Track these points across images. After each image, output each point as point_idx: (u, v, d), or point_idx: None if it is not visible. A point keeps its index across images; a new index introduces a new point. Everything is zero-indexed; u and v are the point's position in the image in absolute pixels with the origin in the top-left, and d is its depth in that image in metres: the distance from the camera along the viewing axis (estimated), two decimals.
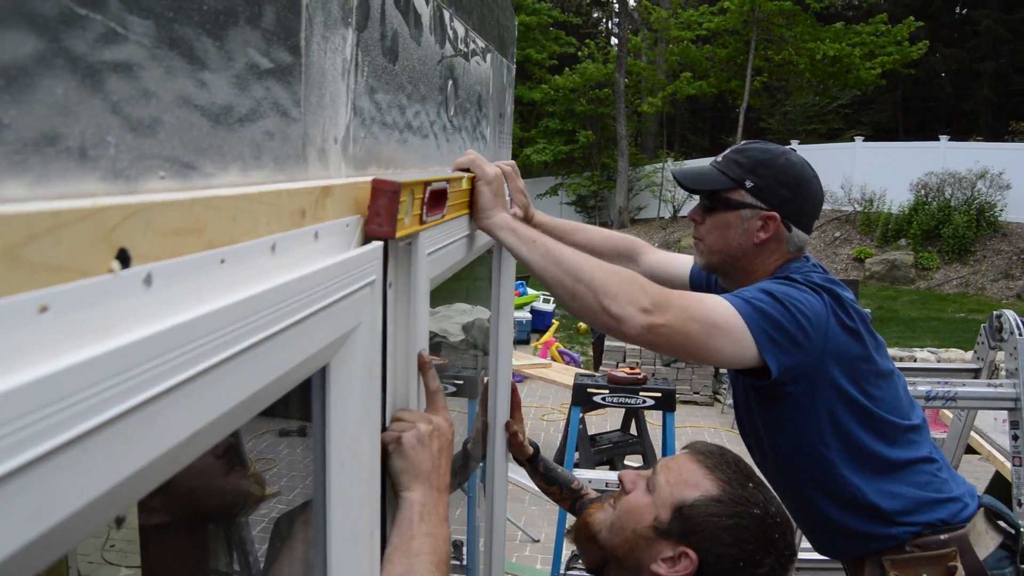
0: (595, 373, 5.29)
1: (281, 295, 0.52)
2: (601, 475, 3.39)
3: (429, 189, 0.91)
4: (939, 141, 16.77)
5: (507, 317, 1.73)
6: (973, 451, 3.33)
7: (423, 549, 0.80)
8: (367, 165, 0.78)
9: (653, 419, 5.71)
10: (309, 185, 0.60)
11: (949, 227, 14.62)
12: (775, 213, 1.58)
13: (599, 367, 7.71)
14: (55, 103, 0.33)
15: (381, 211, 0.75)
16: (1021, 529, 1.60)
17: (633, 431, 5.50)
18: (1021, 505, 2.40)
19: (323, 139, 0.65)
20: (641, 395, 4.20)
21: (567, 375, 6.07)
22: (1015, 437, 2.42)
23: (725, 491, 1.15)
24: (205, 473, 1.02)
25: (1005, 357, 2.50)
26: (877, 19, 19.31)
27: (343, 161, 0.70)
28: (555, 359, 8.11)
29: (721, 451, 1.23)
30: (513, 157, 1.71)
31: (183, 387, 0.40)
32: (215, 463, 1.03)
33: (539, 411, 7.31)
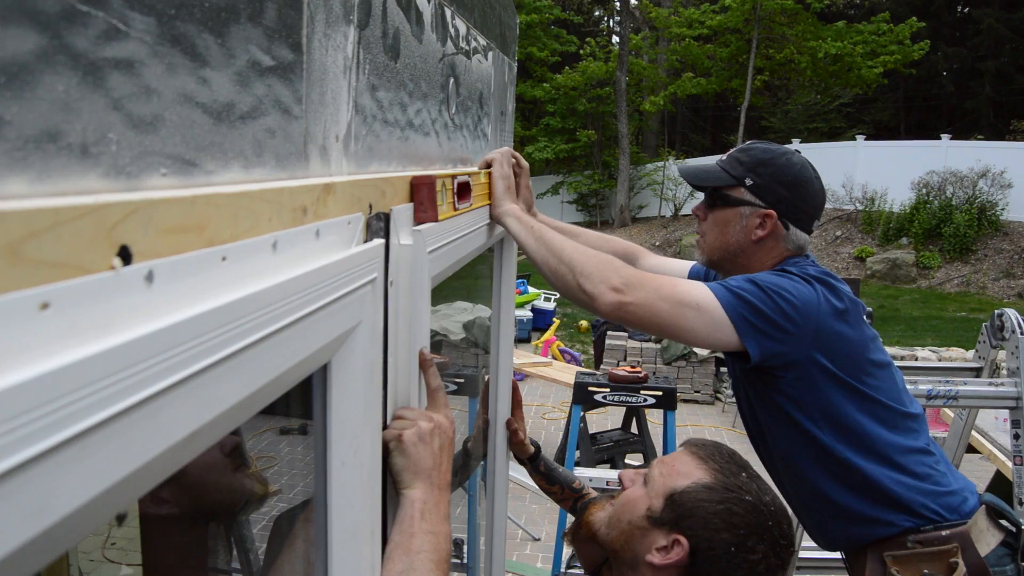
0: (596, 371, 5.28)
1: (282, 293, 0.52)
2: (602, 473, 3.40)
3: (456, 181, 1.08)
4: (940, 140, 16.76)
5: (508, 315, 1.74)
6: (974, 450, 3.32)
7: (424, 547, 0.80)
8: (369, 163, 0.78)
9: (654, 418, 5.72)
10: (310, 183, 0.60)
11: (950, 226, 14.61)
12: (772, 211, 1.62)
13: (600, 365, 7.72)
14: (57, 100, 0.33)
15: (424, 200, 0.89)
16: (1022, 527, 1.60)
17: (634, 430, 5.49)
18: (1022, 504, 2.40)
19: (324, 137, 0.65)
20: (642, 393, 4.20)
21: (568, 373, 6.07)
22: (1016, 436, 2.42)
23: (717, 478, 1.16)
24: (215, 468, 1.03)
25: (1006, 356, 2.50)
26: (879, 18, 19.28)
27: (344, 159, 0.70)
28: (556, 357, 8.11)
29: (716, 445, 1.24)
30: None
31: (184, 384, 0.40)
32: (224, 459, 1.04)
33: (540, 409, 7.31)
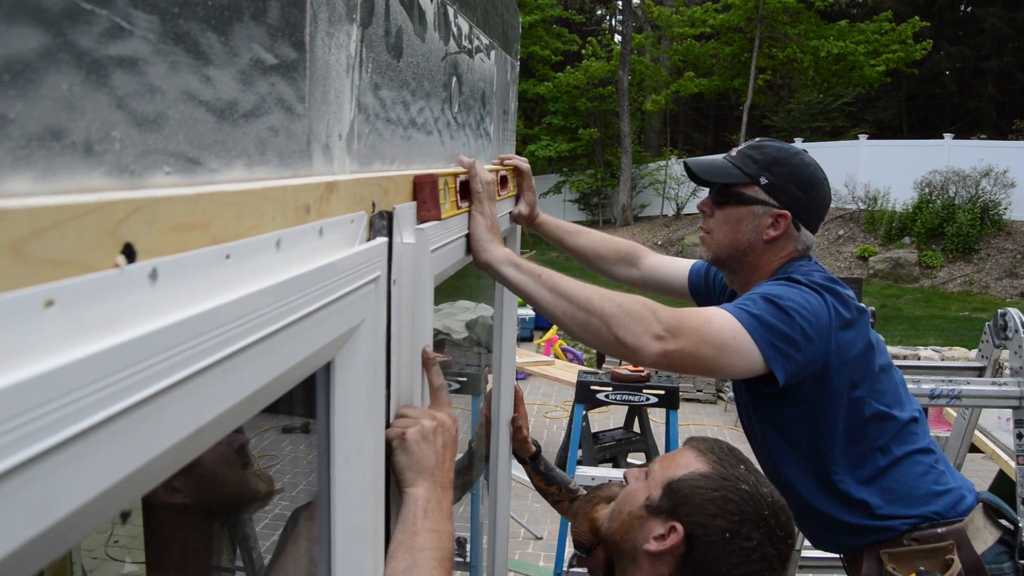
0: (598, 370, 5.28)
1: (286, 291, 0.52)
2: (604, 472, 3.39)
3: (459, 180, 1.08)
4: (943, 139, 16.71)
5: (510, 314, 1.74)
6: (977, 450, 3.32)
7: (427, 545, 0.80)
8: (371, 161, 0.78)
9: (656, 417, 5.71)
10: (314, 181, 0.60)
11: (953, 225, 14.57)
12: (787, 212, 1.60)
13: (602, 364, 7.71)
14: (60, 98, 0.33)
15: (427, 199, 0.89)
16: (1020, 525, 1.60)
17: (636, 429, 5.49)
18: None
19: (327, 135, 0.65)
20: (644, 392, 4.20)
21: (570, 372, 6.07)
22: (1019, 435, 2.41)
23: (714, 468, 1.17)
24: (228, 461, 1.04)
25: (1009, 356, 2.50)
26: (881, 17, 19.24)
27: (347, 157, 0.70)
28: (558, 356, 8.10)
29: (717, 441, 1.26)
30: (518, 154, 1.71)
31: (188, 382, 0.40)
32: (234, 456, 1.05)
33: (542, 408, 7.31)
